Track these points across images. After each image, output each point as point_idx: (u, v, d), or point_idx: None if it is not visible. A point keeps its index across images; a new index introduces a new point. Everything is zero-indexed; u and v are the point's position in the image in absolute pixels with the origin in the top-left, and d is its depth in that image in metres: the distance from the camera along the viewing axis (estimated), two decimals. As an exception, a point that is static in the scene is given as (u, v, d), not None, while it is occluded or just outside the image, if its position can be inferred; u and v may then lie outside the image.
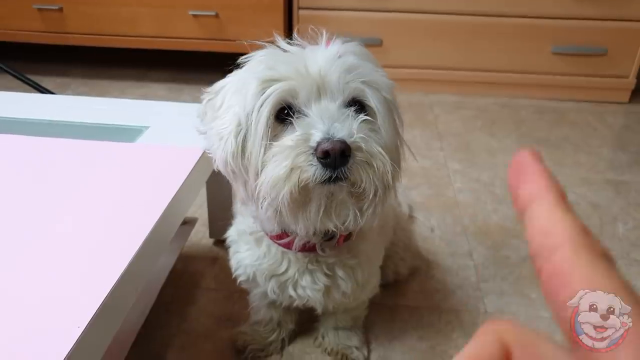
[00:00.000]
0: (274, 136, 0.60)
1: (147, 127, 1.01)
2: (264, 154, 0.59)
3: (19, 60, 2.14)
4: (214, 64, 0.67)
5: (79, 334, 0.53)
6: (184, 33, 2.04)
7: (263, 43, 0.63)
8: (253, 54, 0.63)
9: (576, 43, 1.98)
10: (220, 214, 1.11)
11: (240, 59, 0.65)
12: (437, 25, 2.00)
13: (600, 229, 1.30)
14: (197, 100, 0.69)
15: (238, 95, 0.62)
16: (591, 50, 1.98)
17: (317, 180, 0.56)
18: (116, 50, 2.16)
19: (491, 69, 2.06)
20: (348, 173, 0.55)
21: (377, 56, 0.65)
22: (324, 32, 0.63)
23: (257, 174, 0.60)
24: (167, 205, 0.76)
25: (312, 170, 0.56)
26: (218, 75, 0.70)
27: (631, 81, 2.03)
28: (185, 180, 0.82)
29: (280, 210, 0.59)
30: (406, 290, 1.10)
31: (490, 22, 1.98)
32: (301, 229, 0.62)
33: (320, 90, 0.58)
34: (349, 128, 0.56)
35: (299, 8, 2.00)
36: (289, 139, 0.57)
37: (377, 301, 1.01)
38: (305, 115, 0.58)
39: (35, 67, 2.19)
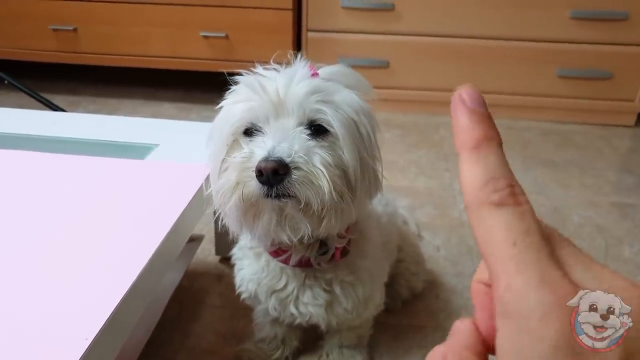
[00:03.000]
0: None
1: (156, 145, 1.03)
2: (221, 168, 0.64)
3: (31, 78, 2.18)
4: (223, 85, 0.69)
5: (87, 346, 0.54)
6: (194, 53, 2.07)
7: (244, 72, 0.67)
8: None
9: (581, 67, 2.00)
10: (226, 231, 1.12)
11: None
12: (443, 48, 2.03)
13: (606, 251, 1.30)
14: (205, 119, 0.71)
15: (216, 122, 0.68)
16: (596, 74, 2.00)
17: (258, 195, 0.59)
18: (127, 70, 2.19)
19: (496, 91, 2.08)
20: (288, 190, 0.58)
21: (384, 78, 0.67)
22: (299, 56, 0.67)
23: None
24: (175, 222, 0.77)
25: (253, 185, 0.59)
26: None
27: (637, 105, 2.04)
28: (192, 197, 0.83)
29: (236, 218, 0.63)
30: (411, 310, 1.10)
31: (496, 45, 2.00)
32: (261, 238, 0.67)
33: (278, 110, 0.62)
34: (290, 147, 0.58)
35: (307, 30, 2.04)
36: (239, 155, 0.61)
37: (381, 320, 1.01)
38: (263, 133, 0.62)
39: (47, 86, 2.22)
